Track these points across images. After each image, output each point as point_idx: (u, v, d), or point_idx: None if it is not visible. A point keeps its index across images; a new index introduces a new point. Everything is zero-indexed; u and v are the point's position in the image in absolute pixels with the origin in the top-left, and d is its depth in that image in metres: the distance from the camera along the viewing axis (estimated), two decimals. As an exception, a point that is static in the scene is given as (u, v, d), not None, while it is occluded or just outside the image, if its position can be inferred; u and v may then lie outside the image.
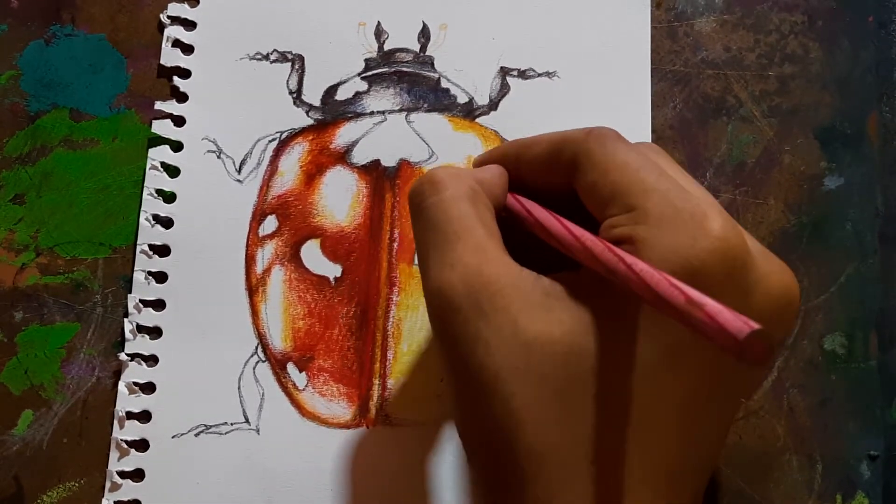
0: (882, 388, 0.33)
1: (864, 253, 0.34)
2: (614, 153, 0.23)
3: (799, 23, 0.37)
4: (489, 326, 0.22)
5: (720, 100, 0.36)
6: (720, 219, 0.22)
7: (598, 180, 0.23)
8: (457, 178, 0.25)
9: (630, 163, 0.23)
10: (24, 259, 0.35)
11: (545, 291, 0.23)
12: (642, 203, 0.22)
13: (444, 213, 0.24)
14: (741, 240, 0.22)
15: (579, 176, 0.24)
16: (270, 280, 0.34)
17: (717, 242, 0.21)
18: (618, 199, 0.23)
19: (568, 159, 0.24)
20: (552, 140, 0.25)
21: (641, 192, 0.22)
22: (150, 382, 0.34)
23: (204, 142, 0.36)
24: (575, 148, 0.24)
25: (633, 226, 0.22)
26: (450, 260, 0.23)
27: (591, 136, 0.24)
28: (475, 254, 0.23)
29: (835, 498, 0.32)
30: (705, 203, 0.22)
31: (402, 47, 0.37)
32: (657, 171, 0.23)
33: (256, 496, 0.33)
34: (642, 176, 0.23)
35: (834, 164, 0.35)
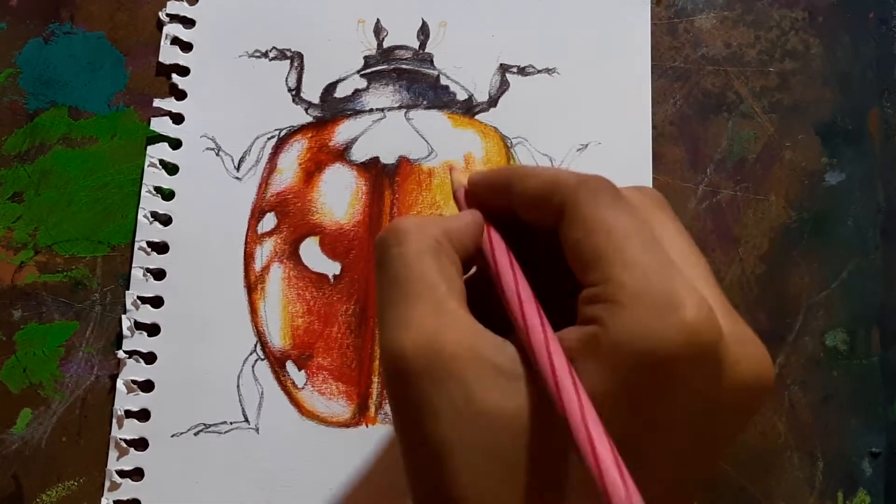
0: (884, 384, 0.33)
1: (866, 249, 0.34)
2: (604, 212, 0.22)
3: (799, 19, 0.37)
4: (440, 395, 0.21)
5: (721, 96, 0.36)
6: (695, 306, 0.21)
7: (583, 240, 0.22)
8: (421, 230, 0.24)
9: (616, 227, 0.22)
10: (23, 257, 0.35)
11: (509, 357, 0.22)
12: (619, 276, 0.21)
13: (404, 268, 0.23)
14: (714, 329, 0.21)
15: (564, 229, 0.23)
16: (269, 278, 0.34)
17: (687, 333, 0.20)
18: (597, 265, 0.21)
19: (556, 206, 0.23)
20: (545, 180, 0.24)
21: (622, 263, 0.21)
22: (148, 380, 0.34)
23: (203, 139, 0.36)
24: (564, 197, 0.23)
25: (606, 304, 0.21)
26: (405, 320, 0.22)
27: (583, 188, 0.23)
28: (433, 315, 0.22)
29: (836, 495, 0.32)
30: (685, 285, 0.21)
31: (402, 44, 0.37)
32: (643, 239, 0.22)
33: (256, 495, 0.33)
34: (625, 244, 0.21)
35: (835, 159, 0.35)
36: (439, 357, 0.21)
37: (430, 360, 0.21)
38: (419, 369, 0.21)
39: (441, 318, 0.22)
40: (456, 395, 0.21)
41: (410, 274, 0.23)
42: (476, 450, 0.21)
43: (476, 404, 0.21)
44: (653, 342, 0.20)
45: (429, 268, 0.23)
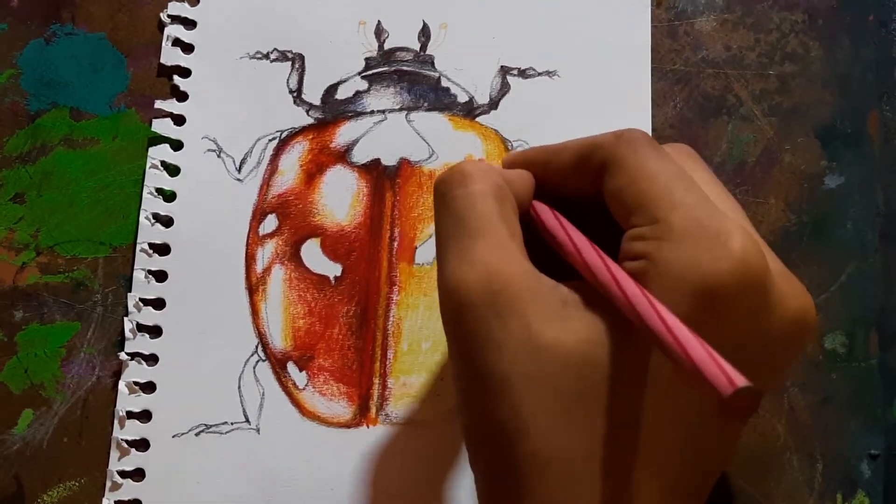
0: (883, 386, 0.33)
1: (865, 252, 0.34)
2: (645, 160, 0.23)
3: (799, 21, 0.37)
4: (503, 329, 0.22)
5: (720, 99, 0.36)
6: (743, 239, 0.21)
7: (626, 187, 0.23)
8: (486, 174, 0.24)
9: (659, 172, 0.23)
10: (25, 258, 0.35)
11: (562, 299, 0.22)
12: (666, 216, 0.22)
13: (469, 207, 0.23)
14: (762, 261, 0.22)
15: (607, 181, 0.24)
16: (270, 279, 0.34)
17: (737, 264, 0.21)
18: (643, 209, 0.22)
19: (597, 164, 0.24)
20: (582, 144, 0.25)
21: (668, 204, 0.22)
22: (150, 382, 0.34)
23: (204, 141, 0.36)
24: (605, 153, 0.24)
25: (655, 240, 0.22)
26: (469, 256, 0.23)
27: (623, 141, 0.24)
28: (496, 252, 0.22)
29: (835, 497, 0.32)
30: (731, 221, 0.22)
31: (403, 46, 0.37)
32: (686, 182, 0.22)
33: (257, 496, 0.33)
34: (670, 187, 0.22)
35: (834, 162, 0.35)
36: (504, 292, 0.22)
37: (494, 294, 0.22)
38: (483, 303, 0.22)
39: (504, 255, 0.22)
40: (518, 328, 0.21)
41: (476, 213, 0.23)
42: (537, 382, 0.21)
43: (537, 338, 0.21)
44: (703, 272, 0.21)
45: (493, 208, 0.23)
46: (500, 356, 0.22)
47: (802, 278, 0.33)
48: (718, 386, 0.18)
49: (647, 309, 0.20)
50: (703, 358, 0.18)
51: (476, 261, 0.22)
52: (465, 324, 0.22)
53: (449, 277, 0.23)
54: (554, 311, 0.22)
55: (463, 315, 0.22)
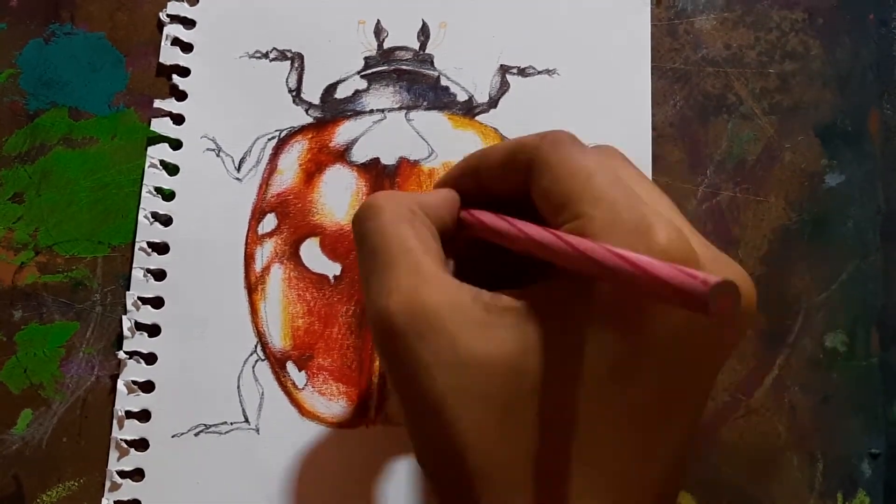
0: (883, 385, 0.33)
1: (866, 250, 0.34)
2: (568, 159, 0.23)
3: (799, 20, 0.37)
4: (428, 349, 0.22)
5: (721, 97, 0.36)
6: (664, 228, 0.21)
7: (550, 187, 0.23)
8: (395, 201, 0.25)
9: (582, 169, 0.23)
10: (24, 258, 0.35)
11: (485, 307, 0.22)
12: (589, 211, 0.22)
13: (381, 237, 0.24)
14: (685, 248, 0.21)
15: (533, 181, 0.24)
16: (270, 278, 0.34)
17: (661, 253, 0.21)
18: (568, 206, 0.22)
19: (523, 164, 0.24)
20: (508, 146, 0.25)
21: (590, 199, 0.22)
22: (149, 381, 0.34)
23: (203, 140, 0.36)
24: (529, 153, 0.24)
25: (580, 234, 0.22)
26: (387, 285, 0.23)
27: (546, 141, 0.24)
28: (410, 276, 0.23)
29: (836, 496, 0.32)
30: (652, 212, 0.22)
31: (402, 45, 0.37)
32: (609, 178, 0.23)
33: (256, 496, 0.33)
34: (593, 183, 0.22)
35: (835, 161, 0.35)
36: (421, 312, 0.22)
37: (413, 316, 0.22)
38: (404, 327, 0.22)
39: (419, 277, 0.23)
40: (443, 346, 0.22)
41: (387, 242, 0.24)
42: (469, 396, 0.21)
43: (462, 353, 0.22)
44: None
45: (404, 233, 0.24)
46: (431, 376, 0.22)
47: (803, 277, 0.34)
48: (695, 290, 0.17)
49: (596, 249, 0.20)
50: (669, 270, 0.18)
51: (393, 288, 0.23)
52: (394, 351, 0.22)
53: (371, 309, 0.23)
54: (477, 322, 0.22)
55: (390, 343, 0.22)
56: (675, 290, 0.18)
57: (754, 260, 0.34)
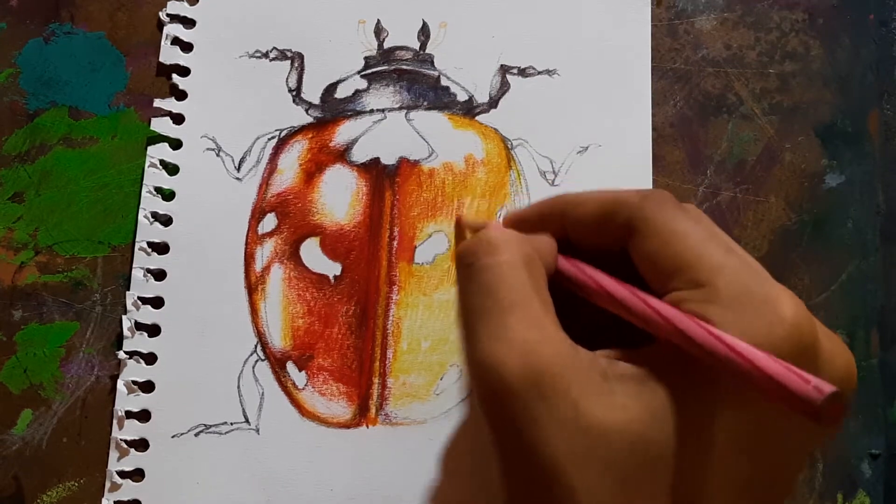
0: (883, 386, 0.33)
1: (866, 251, 0.34)
2: (675, 221, 0.22)
3: (799, 21, 0.37)
4: (548, 411, 0.21)
5: (721, 97, 0.36)
6: (792, 304, 0.21)
7: (659, 250, 0.22)
8: (515, 243, 0.23)
9: (693, 234, 0.22)
10: (24, 257, 0.35)
11: (603, 373, 0.21)
12: (712, 280, 0.21)
13: (499, 279, 0.22)
14: (812, 325, 0.21)
15: (636, 243, 0.23)
16: (270, 278, 0.34)
17: (791, 329, 0.20)
18: (684, 272, 0.22)
19: (622, 223, 0.23)
20: (604, 201, 0.24)
21: (710, 268, 0.21)
22: (148, 381, 0.34)
23: (203, 139, 0.36)
24: (630, 213, 0.23)
25: (703, 303, 0.21)
26: (504, 333, 0.21)
27: (648, 201, 0.23)
28: (532, 329, 0.21)
29: (836, 496, 0.32)
30: (776, 286, 0.21)
31: (402, 45, 0.37)
32: (724, 245, 0.22)
33: (256, 496, 0.33)
34: (710, 250, 0.22)
35: (835, 161, 0.35)
36: (546, 372, 0.21)
37: (536, 374, 0.21)
38: (525, 385, 0.21)
39: (541, 333, 0.21)
40: (564, 409, 0.21)
41: (508, 286, 0.22)
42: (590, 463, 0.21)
43: (584, 418, 0.21)
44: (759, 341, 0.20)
45: (525, 280, 0.22)
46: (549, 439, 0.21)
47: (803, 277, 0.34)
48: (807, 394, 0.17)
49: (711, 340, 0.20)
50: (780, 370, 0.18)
51: (512, 339, 0.21)
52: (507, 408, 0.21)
53: (483, 358, 0.22)
54: (598, 387, 0.21)
55: (503, 399, 0.21)
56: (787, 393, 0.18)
57: (754, 260, 0.34)
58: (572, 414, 0.21)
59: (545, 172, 0.35)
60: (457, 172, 0.35)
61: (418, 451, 0.33)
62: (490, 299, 0.22)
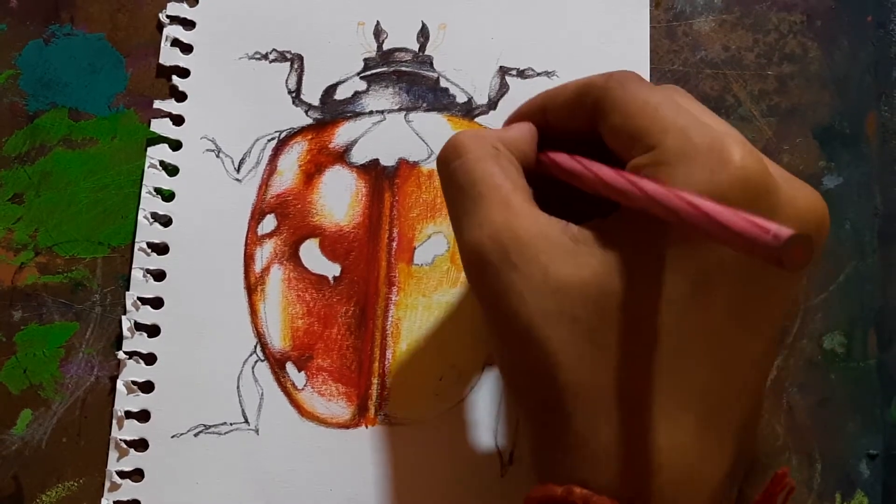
0: (881, 387, 0.33)
1: (863, 252, 0.34)
2: (635, 95, 0.24)
3: (798, 22, 0.37)
4: (520, 276, 0.23)
5: (719, 99, 0.36)
6: (739, 148, 0.22)
7: (620, 123, 0.24)
8: (479, 140, 0.26)
9: (649, 102, 0.24)
10: (23, 258, 0.35)
11: (572, 237, 0.23)
12: (661, 141, 0.23)
13: (467, 175, 0.25)
14: (761, 166, 0.22)
15: (603, 120, 0.25)
16: (269, 279, 0.34)
17: (737, 171, 0.22)
18: (639, 139, 0.23)
19: (591, 104, 0.25)
20: (576, 86, 0.26)
21: (660, 130, 0.23)
22: (148, 381, 0.34)
23: (203, 141, 0.36)
24: (597, 92, 0.25)
25: (655, 165, 0.23)
26: (478, 219, 0.24)
27: (613, 80, 0.25)
28: (501, 210, 0.24)
29: (834, 497, 0.32)
30: (724, 134, 0.23)
31: (401, 47, 0.37)
32: (675, 108, 0.23)
33: (256, 496, 0.33)
34: (661, 114, 0.23)
35: (833, 163, 0.35)
36: (514, 243, 0.23)
37: (506, 247, 0.23)
38: (497, 256, 0.23)
39: (509, 211, 0.24)
40: (533, 273, 0.23)
41: (475, 179, 0.25)
42: (559, 318, 0.23)
43: (552, 279, 0.23)
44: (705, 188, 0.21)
45: (491, 170, 0.25)
46: (522, 301, 0.23)
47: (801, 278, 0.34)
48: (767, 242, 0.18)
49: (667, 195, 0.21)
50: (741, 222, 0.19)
51: (483, 222, 0.24)
52: (487, 280, 0.24)
53: (464, 243, 0.24)
54: (566, 251, 0.23)
55: (482, 273, 0.24)
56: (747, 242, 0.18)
57: (752, 261, 0.34)
58: (541, 276, 0.23)
59: (544, 173, 0.35)
60: (456, 173, 0.35)
61: (418, 451, 0.33)
62: (463, 195, 0.25)
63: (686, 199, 0.20)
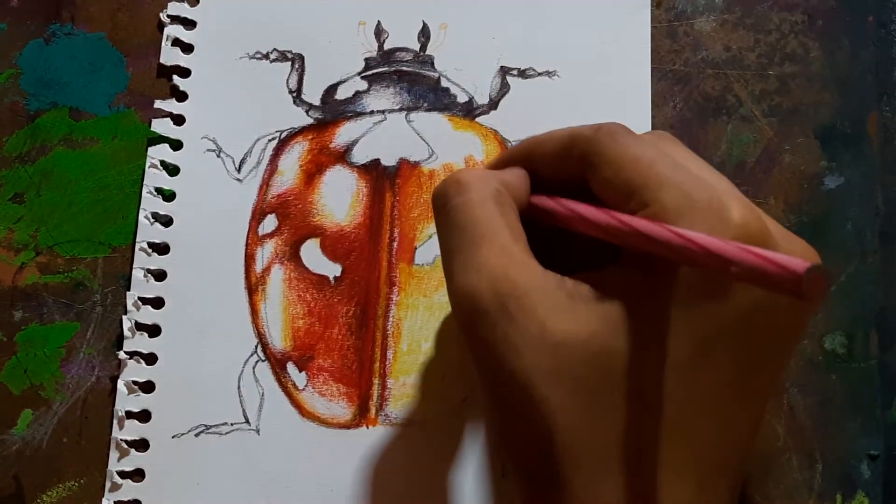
0: (882, 387, 0.33)
1: (865, 252, 0.34)
2: (625, 148, 0.23)
3: (799, 22, 0.37)
4: (517, 330, 0.22)
5: (720, 99, 0.36)
6: (738, 205, 0.22)
7: (612, 177, 0.23)
8: (482, 180, 0.25)
9: (642, 157, 0.23)
10: (24, 258, 0.35)
11: (569, 293, 0.23)
12: (658, 197, 0.22)
13: (468, 215, 0.24)
14: (761, 224, 0.22)
15: (592, 173, 0.24)
16: (270, 279, 0.34)
17: (737, 230, 0.21)
18: (634, 195, 0.23)
19: (578, 156, 0.24)
20: (561, 137, 0.25)
21: (656, 186, 0.22)
22: (149, 381, 0.34)
23: (203, 140, 0.36)
24: (585, 145, 0.24)
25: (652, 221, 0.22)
26: (475, 263, 0.23)
27: (601, 132, 0.24)
28: (500, 257, 0.23)
29: (835, 498, 0.32)
30: (721, 191, 0.22)
31: (402, 46, 0.37)
32: (670, 162, 0.23)
33: (256, 496, 0.33)
34: (656, 170, 0.22)
35: (834, 163, 0.35)
36: (512, 294, 0.22)
37: (504, 298, 0.22)
38: (493, 308, 0.22)
39: (509, 259, 0.23)
40: (531, 327, 0.22)
41: (476, 221, 0.24)
42: (558, 377, 0.22)
43: (550, 334, 0.22)
44: None
45: (492, 214, 0.24)
46: (519, 357, 0.22)
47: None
48: (790, 269, 0.17)
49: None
50: (752, 258, 0.18)
51: (481, 267, 0.23)
52: (480, 331, 0.23)
53: (458, 287, 0.23)
54: (563, 306, 0.22)
55: (476, 323, 0.23)
56: (767, 275, 0.18)
57: (754, 261, 0.34)
58: (538, 331, 0.22)
59: (545, 174, 0.35)
60: (457, 173, 0.35)
61: (418, 452, 0.33)
62: (461, 235, 0.24)
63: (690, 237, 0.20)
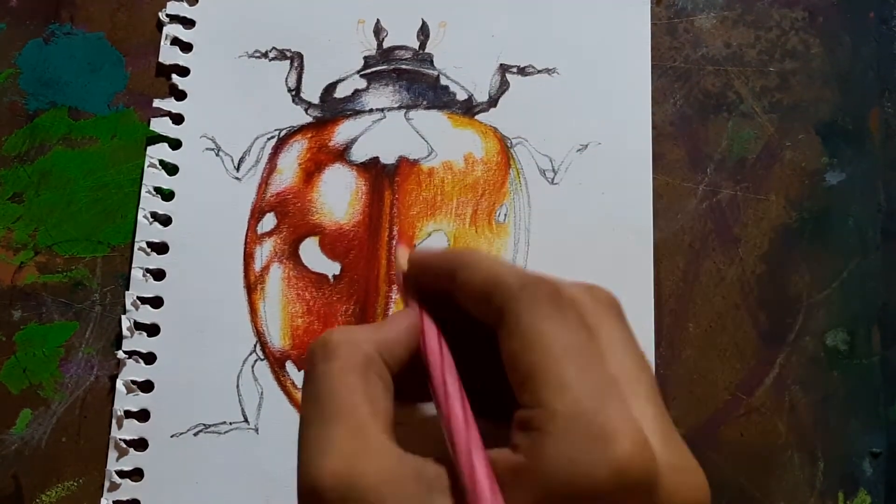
0: (884, 384, 0.33)
1: (866, 249, 0.34)
2: (542, 325, 0.21)
3: (800, 19, 0.37)
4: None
5: (721, 96, 0.36)
6: (628, 440, 0.19)
7: (518, 353, 0.21)
8: (353, 344, 0.22)
9: (555, 342, 0.21)
10: (23, 258, 0.35)
11: (428, 483, 0.20)
12: (552, 402, 0.20)
13: (326, 387, 0.22)
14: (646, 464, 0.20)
15: (502, 338, 0.21)
16: (269, 278, 0.34)
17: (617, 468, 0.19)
18: (532, 386, 0.20)
19: (496, 308, 0.22)
20: (486, 276, 0.22)
21: (555, 387, 0.20)
22: (148, 381, 0.33)
23: (202, 139, 0.36)
24: (504, 301, 0.22)
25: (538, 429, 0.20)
26: (324, 444, 0.21)
27: (525, 293, 0.21)
28: (351, 439, 0.20)
29: (837, 495, 0.32)
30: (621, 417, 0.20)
31: (402, 45, 0.37)
32: (584, 359, 0.21)
33: (255, 495, 0.33)
34: (563, 364, 0.20)
35: (835, 159, 0.35)
36: (356, 488, 0.20)
37: (348, 489, 0.20)
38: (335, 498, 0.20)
39: (360, 443, 0.20)
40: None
41: (333, 394, 0.21)
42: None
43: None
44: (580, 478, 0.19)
45: (353, 388, 0.21)
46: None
47: (803, 275, 0.33)
48: None
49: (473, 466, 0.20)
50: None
51: (329, 449, 0.20)
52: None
53: (303, 466, 0.21)
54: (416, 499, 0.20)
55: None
56: None
57: (754, 258, 0.34)
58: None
59: (545, 171, 0.35)
60: (456, 171, 0.35)
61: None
62: (316, 408, 0.21)
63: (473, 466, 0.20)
